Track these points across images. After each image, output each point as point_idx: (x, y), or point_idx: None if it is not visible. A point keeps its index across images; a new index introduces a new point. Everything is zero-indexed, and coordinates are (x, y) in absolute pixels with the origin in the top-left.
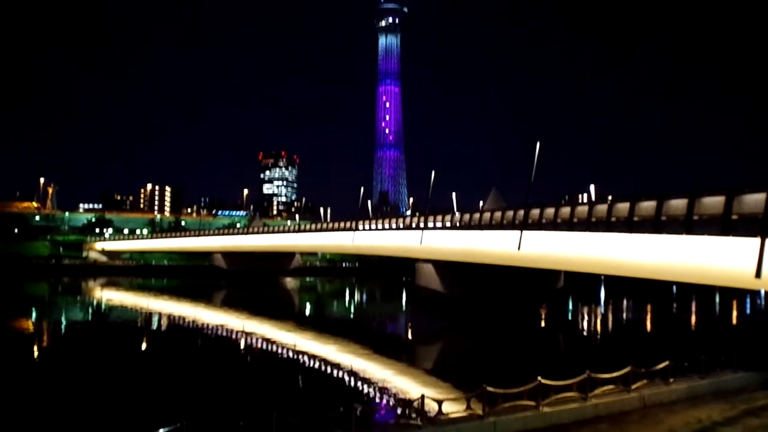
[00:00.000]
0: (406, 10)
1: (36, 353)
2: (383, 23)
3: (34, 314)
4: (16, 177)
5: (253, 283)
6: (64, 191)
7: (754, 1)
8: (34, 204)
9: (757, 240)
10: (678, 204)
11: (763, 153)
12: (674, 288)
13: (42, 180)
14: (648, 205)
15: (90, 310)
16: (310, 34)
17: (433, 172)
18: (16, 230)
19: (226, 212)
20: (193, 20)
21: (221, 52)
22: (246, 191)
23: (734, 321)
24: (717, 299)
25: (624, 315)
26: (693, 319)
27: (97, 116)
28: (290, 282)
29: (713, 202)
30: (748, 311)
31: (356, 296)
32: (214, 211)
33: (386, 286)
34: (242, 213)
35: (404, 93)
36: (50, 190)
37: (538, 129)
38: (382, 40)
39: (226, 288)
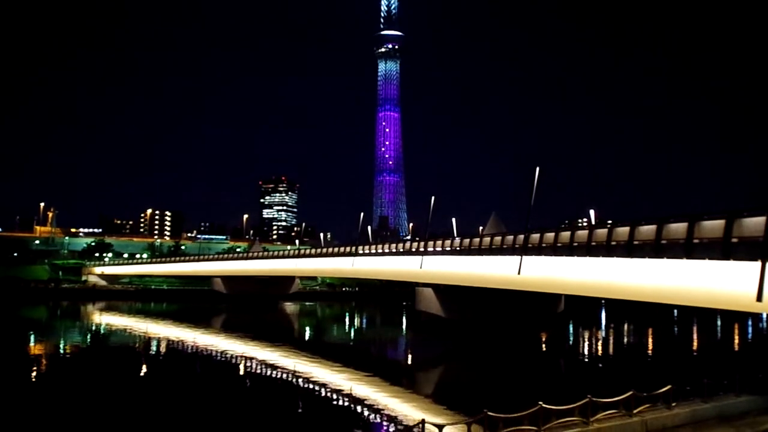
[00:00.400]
0: (402, 35)
1: (33, 378)
2: (382, 49)
3: (32, 339)
4: (16, 201)
5: (252, 307)
6: (64, 215)
7: (754, 28)
8: (51, 228)
9: (758, 263)
10: (678, 228)
11: (763, 176)
12: (675, 311)
13: (42, 204)
14: (648, 229)
15: (88, 335)
16: (310, 59)
17: (432, 197)
18: (15, 254)
19: (207, 236)
20: (195, 46)
21: (222, 76)
22: (246, 216)
23: (736, 344)
24: (719, 322)
25: (625, 339)
26: (695, 342)
27: (98, 140)
28: (290, 306)
29: (713, 226)
30: (750, 334)
31: (356, 321)
32: (194, 234)
33: (386, 310)
34: (222, 237)
35: (404, 117)
36: (50, 215)
37: (538, 153)
38: (382, 66)
39: (225, 312)
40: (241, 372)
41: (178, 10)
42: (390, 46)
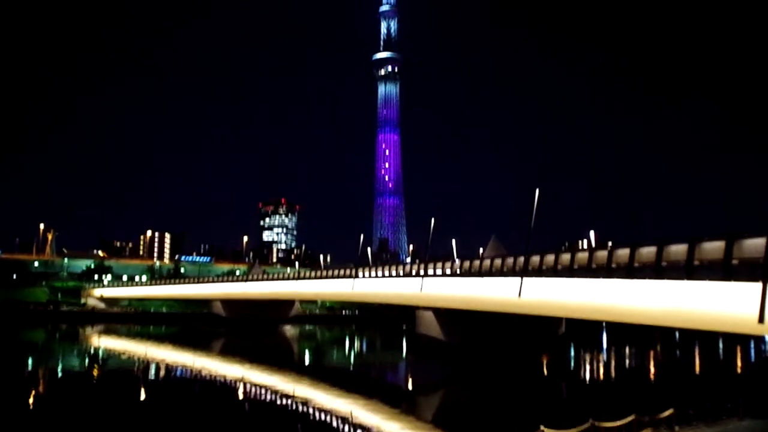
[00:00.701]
0: (402, 56)
1: (31, 402)
2: (382, 72)
3: (30, 361)
4: (15, 223)
5: (252, 330)
6: (64, 237)
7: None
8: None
9: (759, 285)
10: (678, 249)
11: (763, 197)
12: (677, 334)
13: (42, 226)
14: (648, 251)
15: (87, 358)
16: (309, 81)
17: (432, 220)
18: (15, 276)
19: (189, 258)
20: (195, 71)
21: (222, 98)
22: (246, 238)
23: (739, 367)
24: (720, 345)
25: (627, 361)
26: (697, 365)
27: (98, 162)
28: (289, 330)
29: (713, 248)
30: (752, 357)
31: (356, 344)
32: (177, 257)
33: (386, 333)
34: (206, 258)
35: (403, 139)
36: (50, 237)
37: (538, 175)
38: (381, 89)
39: (224, 336)
40: (240, 396)
41: (180, 36)
42: (389, 68)
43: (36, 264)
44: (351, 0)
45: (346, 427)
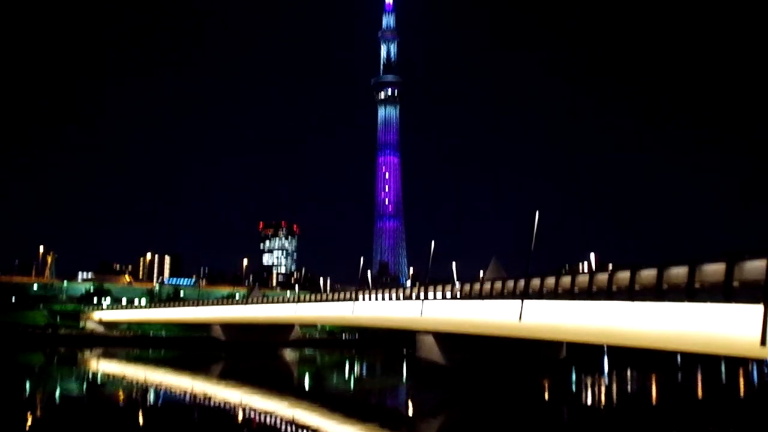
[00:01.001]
0: (402, 80)
1: (28, 427)
2: (382, 95)
3: (27, 385)
4: (15, 245)
5: (251, 354)
6: (63, 260)
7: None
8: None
9: (761, 307)
10: (679, 272)
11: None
12: (679, 357)
13: (41, 249)
14: (649, 274)
15: (85, 383)
16: (309, 103)
17: (432, 243)
18: (13, 298)
19: (173, 280)
20: (194, 95)
21: (223, 121)
22: (245, 261)
23: (742, 391)
24: (723, 368)
25: (629, 385)
26: (699, 389)
27: (98, 185)
28: (289, 354)
29: (714, 270)
30: (755, 380)
31: (356, 369)
32: (159, 279)
33: (387, 358)
34: (189, 281)
35: (403, 162)
36: (49, 259)
37: (538, 197)
38: (381, 112)
39: (224, 360)
40: (239, 421)
41: (181, 61)
42: (389, 91)
43: (35, 286)
44: (351, 23)
45: None
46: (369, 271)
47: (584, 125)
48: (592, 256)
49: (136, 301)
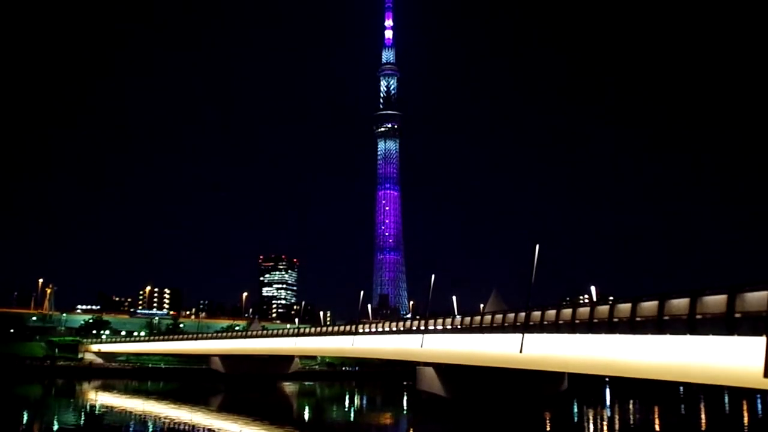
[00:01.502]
0: (401, 114)
1: None
2: (382, 129)
3: (24, 418)
4: (14, 277)
5: (251, 387)
6: (63, 292)
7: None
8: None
9: (763, 339)
10: (680, 303)
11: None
12: (681, 388)
13: (41, 281)
14: (650, 305)
15: (82, 415)
16: (309, 136)
17: (432, 276)
18: (11, 330)
19: (145, 311)
20: (193, 126)
21: (223, 153)
22: (245, 294)
23: (745, 422)
24: (726, 399)
25: (631, 417)
26: (702, 420)
27: (98, 217)
28: (289, 386)
29: (715, 301)
30: (759, 411)
31: (356, 401)
32: (132, 310)
33: (387, 390)
34: (163, 312)
35: (403, 195)
36: (48, 291)
37: (538, 230)
38: (381, 145)
39: (223, 392)
40: None
41: (181, 95)
42: (389, 125)
43: (34, 318)
44: (351, 58)
45: None
46: (369, 304)
47: (584, 156)
48: (593, 289)
49: (135, 333)
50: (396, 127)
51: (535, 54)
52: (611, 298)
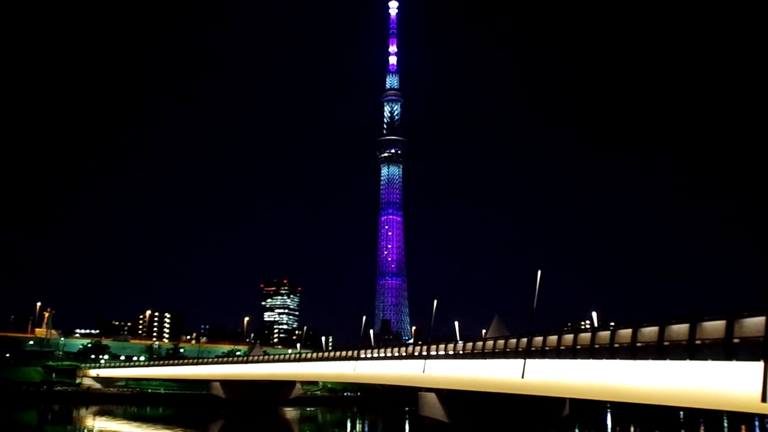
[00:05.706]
0: (405, 139)
1: None
2: (385, 154)
3: None
4: (12, 301)
5: (252, 413)
6: (61, 316)
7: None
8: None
9: (761, 364)
10: (680, 329)
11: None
12: (681, 413)
13: (39, 304)
14: (650, 331)
15: None
16: (311, 161)
17: (435, 301)
18: (8, 355)
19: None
20: (194, 150)
21: (224, 179)
22: (246, 319)
23: None
24: (725, 423)
25: None
26: None
27: (96, 241)
28: (290, 412)
29: (714, 327)
30: None
31: (358, 427)
32: (102, 337)
33: (389, 416)
34: (139, 344)
35: (406, 220)
36: (46, 315)
37: (540, 256)
38: (384, 170)
39: (224, 418)
40: None
41: (178, 126)
42: (393, 150)
43: (31, 342)
44: (355, 83)
45: None
46: (371, 330)
47: (587, 181)
48: (594, 315)
49: (135, 357)
50: (399, 152)
51: (539, 81)
52: (612, 323)
